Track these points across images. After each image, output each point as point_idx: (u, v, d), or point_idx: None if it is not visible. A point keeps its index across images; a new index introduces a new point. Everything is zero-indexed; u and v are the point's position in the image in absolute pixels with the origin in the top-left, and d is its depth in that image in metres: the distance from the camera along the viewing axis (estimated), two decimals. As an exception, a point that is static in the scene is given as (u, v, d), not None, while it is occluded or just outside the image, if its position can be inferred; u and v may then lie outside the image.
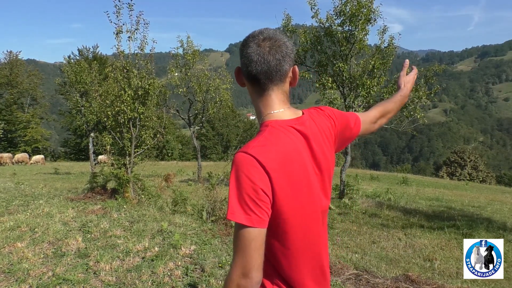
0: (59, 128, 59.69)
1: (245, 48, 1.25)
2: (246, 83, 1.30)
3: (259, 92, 1.28)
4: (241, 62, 1.26)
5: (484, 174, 44.54)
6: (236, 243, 1.11)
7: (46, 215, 6.46)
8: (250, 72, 1.24)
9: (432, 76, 11.54)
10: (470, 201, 12.51)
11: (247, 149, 1.16)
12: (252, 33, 1.28)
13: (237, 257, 1.10)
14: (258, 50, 1.23)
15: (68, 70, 18.72)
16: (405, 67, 1.72)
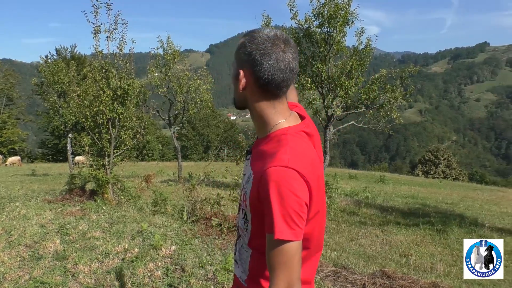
0: (36, 129, 58.11)
1: (266, 56, 1.15)
2: (255, 90, 1.20)
3: (272, 99, 1.21)
4: (261, 70, 1.15)
5: (457, 172, 45.86)
6: (278, 259, 1.07)
7: (22, 218, 6.32)
8: (275, 81, 1.16)
9: (408, 77, 11.85)
10: (444, 198, 12.89)
11: (283, 162, 1.09)
12: (266, 36, 1.17)
13: (280, 272, 1.07)
14: (284, 58, 1.16)
15: (45, 70, 18.28)
16: None
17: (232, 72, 1.24)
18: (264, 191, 1.09)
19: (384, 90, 11.65)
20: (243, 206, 1.26)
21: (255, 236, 1.23)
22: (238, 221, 1.36)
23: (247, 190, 1.20)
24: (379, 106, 11.86)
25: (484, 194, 15.43)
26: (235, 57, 1.22)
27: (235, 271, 1.36)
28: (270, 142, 1.19)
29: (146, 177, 13.21)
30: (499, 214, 9.77)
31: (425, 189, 16.48)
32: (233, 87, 1.25)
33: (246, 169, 1.29)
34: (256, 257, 1.25)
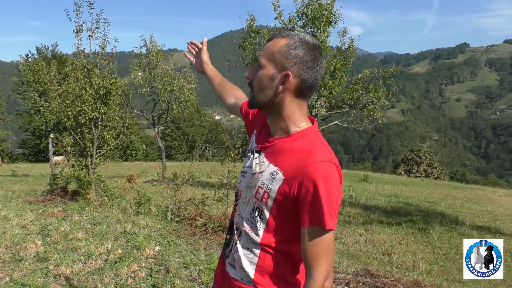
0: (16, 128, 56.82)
1: (317, 62, 1.24)
2: (293, 91, 1.25)
3: (303, 101, 1.29)
4: (308, 73, 1.22)
5: (438, 171, 46.72)
6: (322, 248, 1.15)
7: (2, 219, 6.18)
8: (315, 86, 1.26)
9: (390, 77, 12.03)
10: (426, 197, 13.12)
11: (326, 158, 1.17)
12: (313, 43, 1.25)
13: (323, 261, 1.15)
14: (323, 66, 1.28)
15: (26, 69, 17.92)
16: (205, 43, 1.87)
17: (266, 70, 1.24)
18: (309, 185, 1.15)
19: (367, 90, 11.80)
20: (256, 204, 1.26)
21: (270, 233, 1.25)
22: (237, 220, 1.35)
23: (273, 187, 1.22)
24: (362, 106, 12.00)
25: (465, 192, 15.76)
26: (275, 56, 1.23)
27: (231, 274, 1.33)
28: (298, 140, 1.24)
29: (129, 177, 13.08)
30: (479, 213, 9.99)
31: (407, 188, 16.74)
32: (259, 84, 1.27)
33: (259, 166, 1.29)
34: (265, 255, 1.26)
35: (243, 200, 1.33)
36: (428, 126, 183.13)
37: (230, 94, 1.73)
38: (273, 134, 1.32)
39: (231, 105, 1.71)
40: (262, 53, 1.27)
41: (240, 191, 1.36)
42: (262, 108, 1.32)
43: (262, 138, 1.37)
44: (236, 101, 1.70)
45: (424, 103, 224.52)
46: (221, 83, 1.78)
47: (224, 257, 1.39)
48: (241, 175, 1.39)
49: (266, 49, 1.27)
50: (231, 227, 1.38)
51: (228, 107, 1.74)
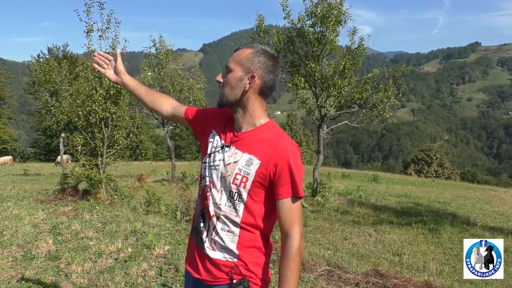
0: (28, 128, 57.70)
1: (276, 67, 1.52)
2: (257, 91, 1.51)
3: (265, 100, 1.56)
4: (269, 76, 1.50)
5: (449, 171, 46.22)
6: (298, 213, 1.44)
7: (15, 218, 6.27)
8: (273, 87, 1.54)
9: (400, 76, 11.92)
10: (436, 197, 12.99)
11: (292, 141, 1.47)
12: (272, 53, 1.53)
13: (299, 223, 1.44)
14: (279, 70, 1.56)
15: (37, 69, 18.12)
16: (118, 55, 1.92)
17: (235, 73, 1.50)
18: (284, 164, 1.42)
19: (377, 90, 11.71)
20: (235, 189, 1.47)
21: (248, 213, 1.47)
22: (212, 208, 1.52)
23: (250, 171, 1.45)
24: (372, 106, 11.91)
25: (476, 193, 15.58)
26: (243, 62, 1.49)
27: (213, 256, 1.51)
28: (265, 131, 1.51)
29: (139, 177, 13.16)
30: (491, 213, 9.87)
31: (417, 188, 16.60)
32: (229, 85, 1.51)
33: (232, 158, 1.50)
34: (244, 233, 1.48)
35: (217, 190, 1.51)
36: (439, 126, 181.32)
37: (164, 103, 1.84)
38: (240, 129, 1.54)
39: (169, 113, 1.83)
40: (231, 60, 1.53)
41: (212, 183, 1.53)
42: (231, 105, 1.54)
43: (228, 135, 1.57)
44: (173, 109, 1.82)
45: (434, 102, 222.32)
46: (149, 93, 1.87)
47: (199, 242, 1.55)
48: (210, 169, 1.55)
49: (234, 56, 1.53)
50: (203, 215, 1.55)
51: (166, 115, 1.84)
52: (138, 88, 1.88)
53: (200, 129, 1.72)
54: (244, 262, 1.48)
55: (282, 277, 1.42)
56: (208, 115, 1.71)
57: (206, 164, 1.58)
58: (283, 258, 1.43)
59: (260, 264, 1.51)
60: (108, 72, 1.91)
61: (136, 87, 1.88)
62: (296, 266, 1.42)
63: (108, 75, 1.91)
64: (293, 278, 1.41)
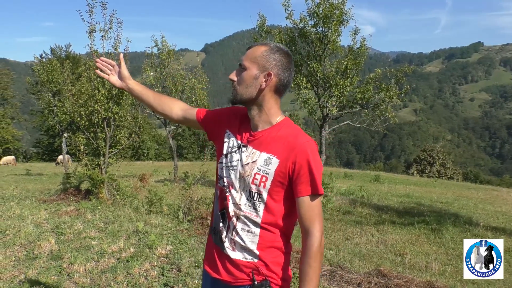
0: (30, 128, 57.94)
1: (291, 65, 1.52)
2: (273, 89, 1.50)
3: (279, 98, 1.55)
4: (285, 74, 1.49)
5: (451, 171, 46.11)
6: (318, 210, 1.44)
7: (17, 217, 6.29)
8: (288, 85, 1.53)
9: (402, 76, 11.91)
10: (439, 197, 12.96)
11: (310, 138, 1.47)
12: (286, 50, 1.53)
13: (318, 221, 1.43)
14: (294, 67, 1.56)
15: (40, 69, 18.18)
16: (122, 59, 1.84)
17: (250, 71, 1.48)
18: (303, 162, 1.41)
19: (379, 90, 11.70)
20: (255, 189, 1.46)
21: (268, 212, 1.46)
22: (232, 208, 1.50)
23: (269, 170, 1.44)
24: (374, 106, 11.91)
25: (479, 193, 15.53)
26: (257, 59, 1.47)
27: (233, 256, 1.49)
28: (282, 129, 1.50)
29: (141, 177, 13.18)
30: (493, 213, 9.83)
31: (420, 188, 16.56)
32: (244, 83, 1.49)
33: (250, 158, 1.49)
34: (264, 233, 1.47)
35: (236, 190, 1.50)
36: (441, 126, 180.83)
37: (173, 107, 1.80)
38: (256, 128, 1.53)
39: (179, 116, 1.79)
40: (245, 58, 1.50)
41: (231, 183, 1.51)
42: (245, 103, 1.53)
43: (244, 134, 1.55)
44: (184, 112, 1.79)
45: (437, 102, 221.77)
46: (156, 97, 1.82)
47: (219, 242, 1.54)
48: (228, 169, 1.54)
49: (248, 54, 1.50)
50: (223, 216, 1.54)
51: (176, 118, 1.81)
52: (145, 92, 1.84)
53: (213, 130, 1.70)
54: (264, 262, 1.47)
55: (303, 276, 1.42)
56: (221, 115, 1.69)
57: (223, 164, 1.57)
58: (304, 256, 1.43)
59: (281, 263, 1.50)
60: (112, 78, 1.86)
61: (143, 92, 1.83)
62: (317, 264, 1.41)
63: (112, 81, 1.86)
64: (314, 277, 1.41)
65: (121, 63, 1.83)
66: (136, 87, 1.83)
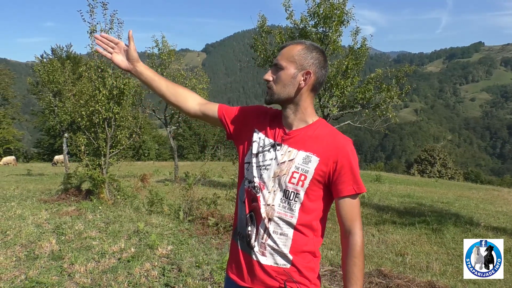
0: (31, 128, 58.02)
1: (326, 62, 1.51)
2: (310, 87, 1.48)
3: (314, 96, 1.54)
4: (321, 72, 1.48)
5: (452, 171, 46.07)
6: (358, 209, 1.45)
7: (18, 217, 6.30)
8: (323, 83, 1.54)
9: (403, 76, 11.90)
10: (440, 197, 12.94)
11: (347, 137, 1.48)
12: (320, 48, 1.51)
13: (359, 220, 1.44)
14: (328, 65, 1.55)
15: (41, 70, 18.21)
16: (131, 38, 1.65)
17: (288, 70, 1.45)
18: (344, 161, 1.41)
19: (380, 90, 11.70)
20: (292, 188, 1.42)
21: (304, 212, 1.44)
22: (264, 210, 1.45)
23: (309, 169, 1.42)
24: (375, 106, 11.90)
25: (480, 193, 15.51)
26: (295, 58, 1.45)
27: (263, 262, 1.44)
28: (319, 128, 1.49)
29: (142, 177, 13.18)
30: (494, 213, 9.82)
31: (420, 188, 16.54)
32: (281, 83, 1.46)
33: (286, 156, 1.46)
34: (298, 236, 1.44)
35: (269, 190, 1.45)
36: (442, 126, 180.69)
37: (188, 99, 1.66)
38: (290, 127, 1.50)
39: (196, 110, 1.65)
40: (281, 57, 1.47)
41: (263, 183, 1.46)
42: (283, 103, 1.49)
43: (277, 133, 1.51)
44: (202, 107, 1.66)
45: (437, 102, 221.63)
46: (170, 86, 1.65)
47: (246, 248, 1.48)
48: (259, 169, 1.48)
49: (284, 54, 1.47)
50: (251, 218, 1.48)
51: (192, 112, 1.67)
52: (157, 79, 1.64)
53: (237, 128, 1.62)
54: (297, 268, 1.43)
55: (349, 275, 1.40)
56: (247, 114, 1.62)
57: (251, 164, 1.50)
58: (348, 256, 1.42)
59: (313, 268, 1.47)
60: (116, 58, 1.64)
61: (154, 78, 1.64)
62: (361, 263, 1.41)
63: (117, 61, 1.64)
64: (359, 275, 1.40)
65: (130, 42, 1.64)
66: (146, 71, 1.64)
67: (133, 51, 1.63)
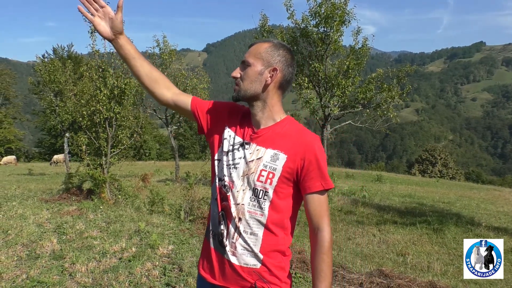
0: (32, 128, 58.14)
1: (294, 61, 1.52)
2: (277, 85, 1.49)
3: (282, 94, 1.54)
4: (289, 70, 1.49)
5: (453, 171, 46.01)
6: (326, 205, 1.45)
7: (19, 217, 6.30)
8: (291, 81, 1.54)
9: (404, 76, 11.88)
10: (441, 197, 12.93)
11: (314, 134, 1.48)
12: (288, 46, 1.53)
13: (327, 216, 1.44)
14: (295, 64, 1.56)
15: (42, 69, 18.24)
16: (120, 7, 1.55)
17: (255, 67, 1.45)
18: (311, 157, 1.41)
19: (381, 90, 11.68)
20: (260, 186, 1.42)
21: (274, 210, 1.43)
22: (234, 209, 1.44)
23: (277, 166, 1.41)
24: (376, 106, 11.89)
25: (481, 193, 15.50)
26: (262, 55, 1.46)
27: (234, 261, 1.44)
28: (287, 125, 1.49)
29: (143, 177, 13.18)
30: (495, 213, 9.82)
31: (422, 188, 16.54)
32: (248, 79, 1.46)
33: (254, 155, 1.45)
34: (268, 235, 1.44)
35: (238, 189, 1.45)
36: (443, 126, 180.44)
37: (163, 85, 1.61)
38: (258, 125, 1.50)
39: (169, 99, 1.61)
40: (249, 54, 1.48)
41: (232, 182, 1.46)
42: (249, 99, 1.49)
43: (246, 131, 1.51)
44: (176, 96, 1.62)
45: (439, 102, 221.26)
46: (147, 68, 1.58)
47: (218, 246, 1.48)
48: (229, 168, 1.48)
49: (252, 51, 1.48)
50: (223, 217, 1.47)
51: (165, 101, 1.62)
52: (137, 57, 1.57)
53: (209, 123, 1.60)
54: (267, 268, 1.44)
55: (318, 272, 1.41)
56: (220, 110, 1.60)
57: (222, 162, 1.50)
58: (316, 252, 1.42)
59: (284, 267, 1.48)
60: (98, 23, 1.54)
61: (135, 56, 1.56)
62: (330, 260, 1.41)
63: (98, 27, 1.54)
64: (328, 272, 1.40)
65: (118, 12, 1.53)
66: (128, 46, 1.56)
67: (119, 22, 1.52)
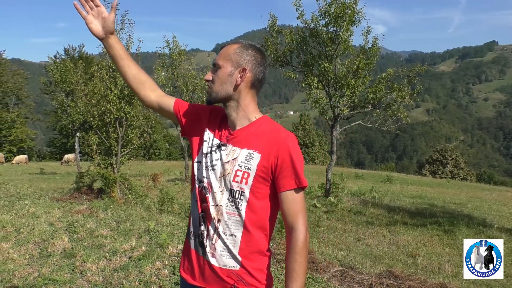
0: (44, 128, 58.88)
1: (264, 60, 1.52)
2: (249, 85, 1.49)
3: (256, 94, 1.54)
4: (259, 69, 1.50)
5: (465, 172, 45.48)
6: (302, 204, 1.43)
7: (31, 216, 6.39)
8: (263, 81, 1.54)
9: (415, 76, 11.76)
10: (452, 198, 12.80)
11: (289, 132, 1.47)
12: (258, 46, 1.53)
13: (302, 215, 1.41)
14: (267, 64, 1.57)
15: (53, 70, 18.46)
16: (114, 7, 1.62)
17: (225, 69, 1.47)
18: (285, 155, 1.40)
19: (391, 90, 11.58)
20: (236, 187, 1.42)
21: (251, 210, 1.43)
22: (213, 210, 1.45)
23: (251, 166, 1.42)
24: (386, 106, 11.79)
25: (493, 194, 15.30)
26: (231, 57, 1.47)
27: (214, 262, 1.44)
28: (262, 125, 1.49)
29: (153, 176, 13.28)
30: (507, 215, 9.68)
31: (432, 189, 16.38)
32: (219, 81, 1.48)
33: (230, 155, 1.46)
34: (246, 235, 1.43)
35: (216, 191, 1.45)
36: (454, 126, 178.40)
37: (148, 87, 1.65)
38: (234, 126, 1.51)
39: (153, 101, 1.65)
40: (218, 57, 1.51)
41: (210, 184, 1.47)
42: (222, 101, 1.50)
43: (223, 133, 1.52)
44: (159, 99, 1.65)
45: (450, 102, 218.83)
46: (134, 69, 1.63)
47: (198, 248, 1.49)
48: (207, 170, 1.49)
49: (221, 54, 1.51)
50: (203, 219, 1.48)
51: (148, 102, 1.66)
52: (125, 58, 1.62)
53: (191, 126, 1.62)
54: (246, 270, 1.43)
55: (290, 272, 1.39)
56: (201, 112, 1.62)
57: (201, 164, 1.52)
58: (290, 252, 1.40)
59: (263, 269, 1.47)
60: (91, 21, 1.58)
61: (123, 57, 1.61)
62: (303, 260, 1.38)
63: (91, 26, 1.58)
64: (300, 272, 1.38)
65: (111, 13, 1.59)
66: (117, 46, 1.61)
67: (111, 22, 1.58)
